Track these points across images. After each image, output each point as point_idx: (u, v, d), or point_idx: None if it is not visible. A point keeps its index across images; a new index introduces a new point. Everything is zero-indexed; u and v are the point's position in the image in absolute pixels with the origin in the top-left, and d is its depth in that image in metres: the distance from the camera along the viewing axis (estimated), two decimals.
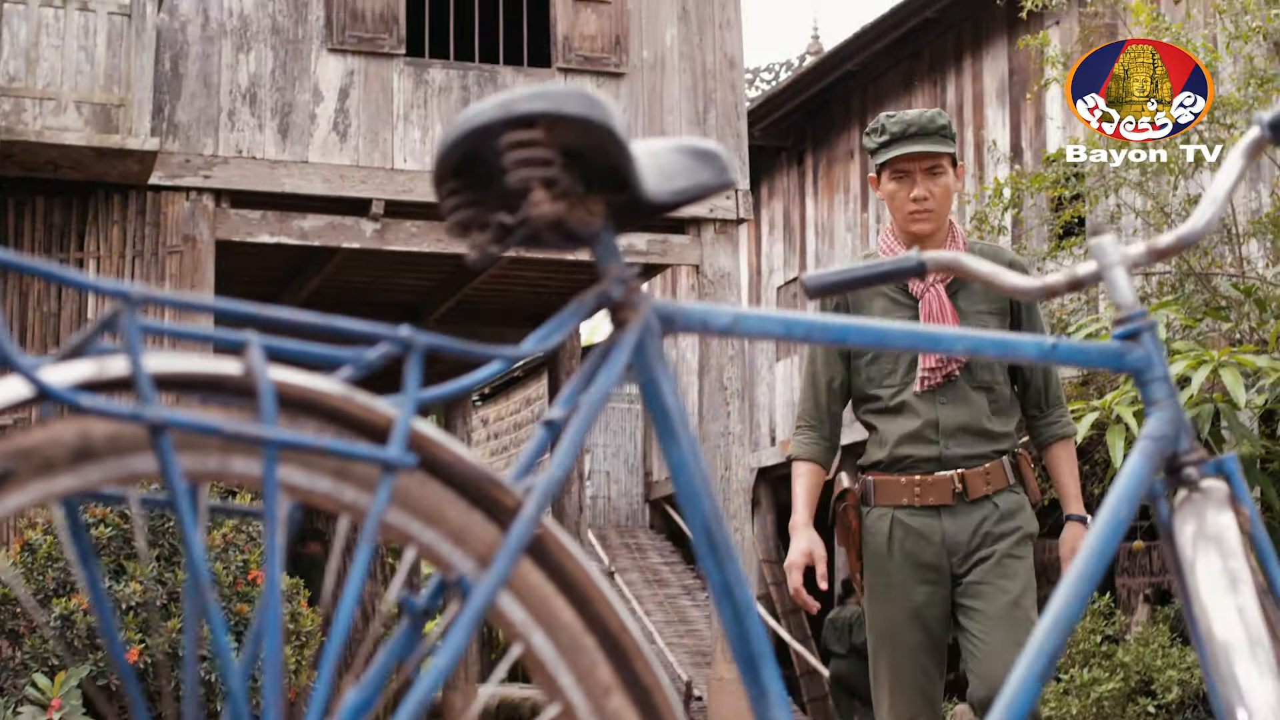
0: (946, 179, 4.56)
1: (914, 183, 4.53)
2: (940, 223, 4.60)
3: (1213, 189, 2.29)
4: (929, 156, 4.52)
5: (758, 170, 21.88)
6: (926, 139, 4.50)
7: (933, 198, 4.54)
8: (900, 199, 4.56)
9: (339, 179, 12.12)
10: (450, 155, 1.76)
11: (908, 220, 4.57)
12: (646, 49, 12.94)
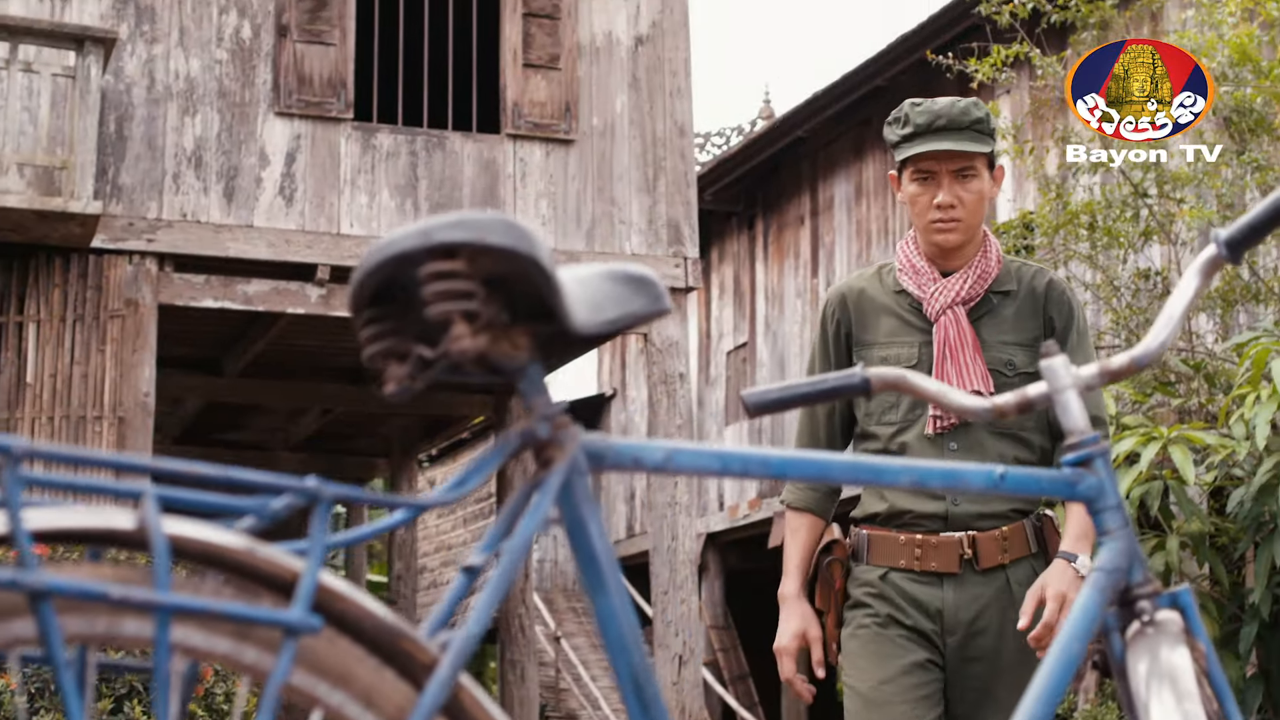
0: (980, 183, 3.91)
1: (940, 186, 3.88)
2: (970, 234, 3.94)
3: (1168, 308, 2.21)
4: (959, 156, 3.87)
5: (708, 234, 21.84)
6: (957, 135, 3.86)
7: (961, 205, 3.89)
8: (923, 204, 3.92)
9: (284, 243, 12.00)
10: (367, 283, 1.67)
11: (930, 229, 3.92)
12: (596, 116, 12.88)
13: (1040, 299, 3.95)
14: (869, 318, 4.01)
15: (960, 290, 3.92)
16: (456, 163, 12.54)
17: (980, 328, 3.92)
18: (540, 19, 12.81)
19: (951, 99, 3.91)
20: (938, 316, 3.92)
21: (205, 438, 18.57)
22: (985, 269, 3.95)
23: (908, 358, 3.92)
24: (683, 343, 12.81)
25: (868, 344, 4.00)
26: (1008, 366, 3.88)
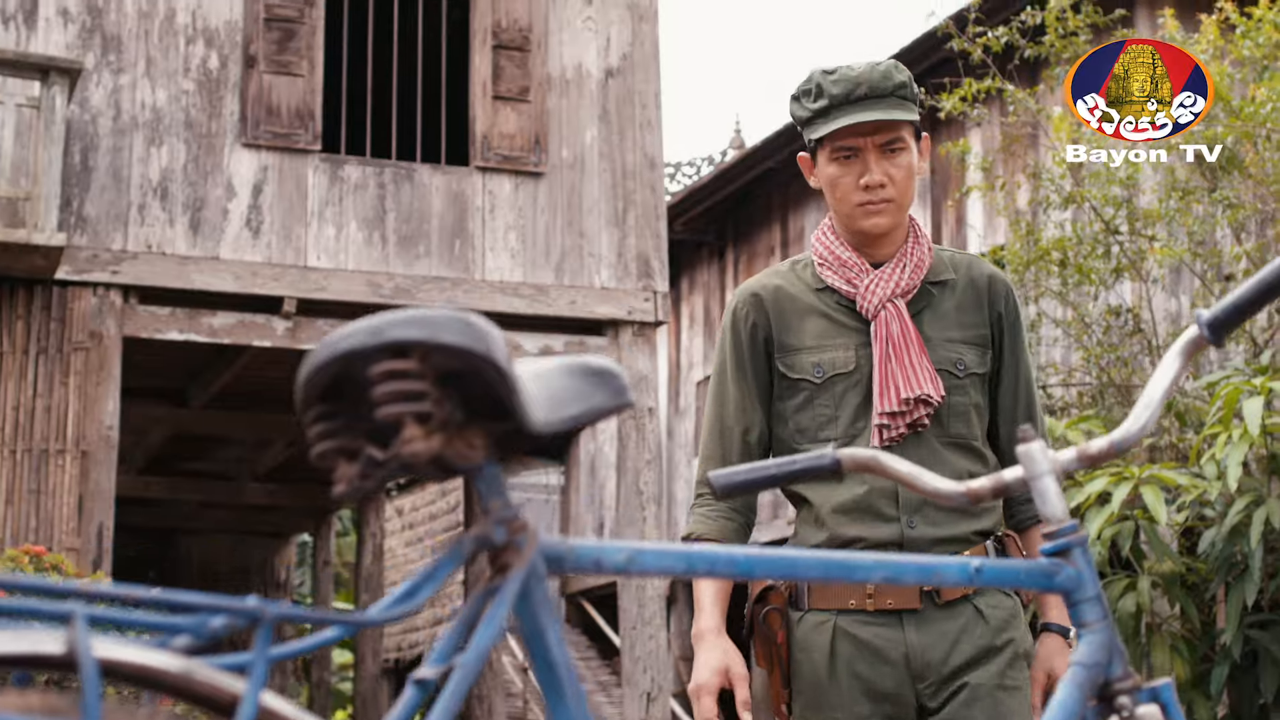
0: (908, 157, 3.39)
1: (865, 164, 3.35)
2: (900, 216, 3.43)
3: (1149, 392, 2.15)
4: (886, 127, 3.34)
5: (678, 264, 21.80)
6: (880, 103, 3.33)
7: (892, 183, 3.36)
8: (845, 186, 3.38)
9: (251, 276, 11.91)
10: (316, 379, 1.59)
11: (857, 214, 3.39)
12: (566, 148, 12.82)
13: (983, 291, 3.50)
14: (791, 318, 3.46)
15: (898, 281, 3.41)
16: (425, 195, 12.46)
17: (921, 323, 3.43)
18: (510, 51, 12.75)
19: (870, 62, 3.41)
20: (875, 313, 3.40)
21: (171, 468, 18.44)
22: (920, 257, 3.46)
23: (844, 362, 3.41)
24: (652, 377, 12.74)
25: (792, 349, 3.44)
26: (957, 366, 3.42)
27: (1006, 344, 3.51)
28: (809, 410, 3.43)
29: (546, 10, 12.91)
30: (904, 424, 3.35)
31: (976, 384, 3.45)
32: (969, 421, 3.42)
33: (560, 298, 12.53)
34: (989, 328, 3.49)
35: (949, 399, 3.40)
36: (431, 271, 12.32)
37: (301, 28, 12.26)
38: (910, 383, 3.35)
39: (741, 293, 3.54)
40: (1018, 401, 3.53)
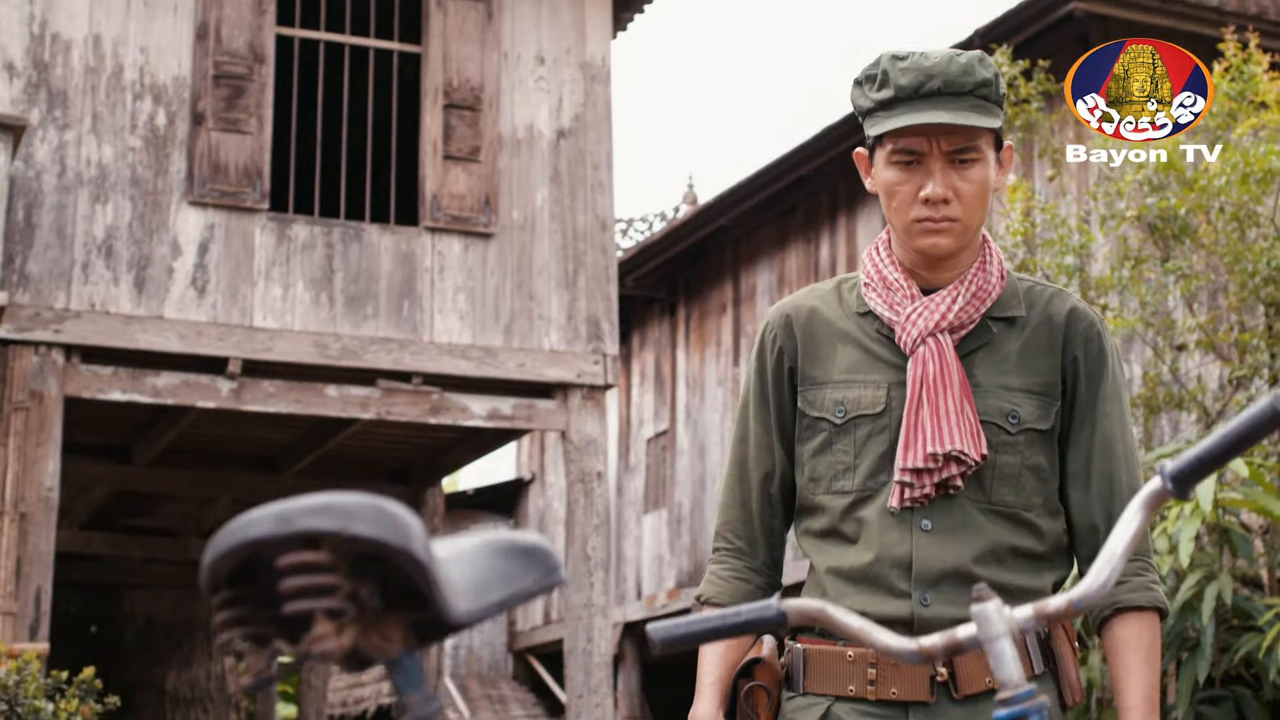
0: (984, 170, 2.87)
1: (929, 173, 2.86)
2: (967, 239, 2.93)
3: (1110, 546, 2.05)
4: (958, 133, 2.84)
5: (629, 320, 21.71)
6: (955, 102, 2.83)
7: (959, 199, 2.86)
8: (905, 196, 2.89)
9: (195, 336, 11.75)
10: (221, 566, 1.48)
11: (914, 231, 2.90)
12: (516, 209, 12.72)
13: (1059, 331, 2.96)
14: (821, 347, 3.01)
15: (947, 312, 2.91)
16: (374, 255, 12.33)
17: (973, 365, 2.93)
18: (461, 110, 12.66)
19: (949, 52, 2.89)
20: (914, 347, 2.91)
21: (114, 524, 18.22)
22: (984, 286, 2.95)
23: (871, 401, 2.94)
24: (601, 441, 12.62)
25: (818, 382, 3.00)
26: (1009, 419, 2.90)
27: (1082, 395, 2.93)
28: (826, 455, 2.97)
29: (499, 70, 12.83)
30: (930, 483, 2.86)
31: (1036, 442, 2.90)
32: (1019, 486, 2.89)
33: (509, 360, 12.42)
34: (1060, 375, 2.94)
35: (995, 458, 2.88)
36: (379, 332, 12.19)
37: (251, 85, 12.15)
38: (940, 435, 2.85)
39: (773, 312, 3.11)
40: (1091, 468, 2.93)
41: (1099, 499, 2.93)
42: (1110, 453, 2.94)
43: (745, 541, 3.09)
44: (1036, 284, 3.04)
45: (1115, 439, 2.94)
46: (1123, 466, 2.95)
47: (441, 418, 12.32)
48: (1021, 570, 2.89)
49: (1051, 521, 2.93)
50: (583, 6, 13.16)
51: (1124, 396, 2.99)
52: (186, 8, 12.14)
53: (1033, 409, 2.90)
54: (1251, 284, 10.13)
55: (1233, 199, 9.87)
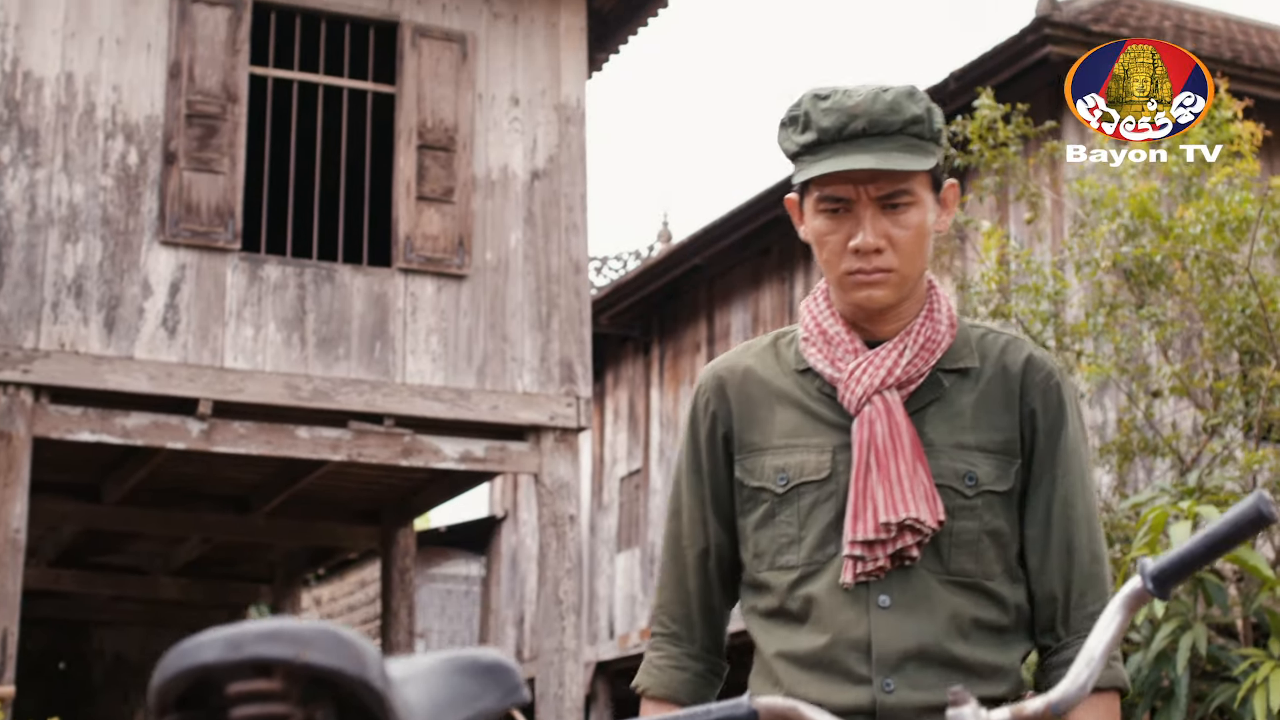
0: (919, 214, 2.64)
1: (859, 220, 2.63)
2: (906, 288, 2.68)
3: (1089, 648, 2.01)
4: (885, 177, 2.61)
5: (603, 359, 21.69)
6: (882, 144, 2.61)
7: (893, 248, 2.63)
8: (834, 246, 2.66)
9: (166, 376, 11.67)
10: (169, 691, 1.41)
11: (846, 283, 2.67)
12: (490, 251, 12.66)
13: (1016, 382, 2.73)
14: (759, 409, 2.76)
15: (894, 367, 2.68)
16: (346, 296, 12.27)
17: (924, 423, 2.68)
18: (435, 151, 12.61)
19: (875, 88, 2.65)
20: (859, 406, 2.66)
21: (83, 561, 18.10)
22: (932, 336, 2.70)
23: (815, 467, 2.69)
24: (574, 484, 12.55)
25: (756, 449, 2.75)
26: (966, 481, 2.66)
27: (1041, 451, 2.69)
28: (769, 528, 2.71)
29: (473, 111, 12.79)
30: (884, 555, 2.60)
31: (997, 505, 2.66)
32: (979, 554, 2.65)
33: (482, 402, 12.35)
34: (1018, 430, 2.70)
35: (952, 524, 2.64)
36: (351, 374, 12.12)
37: (224, 124, 12.09)
38: (893, 502, 2.61)
39: (705, 375, 2.87)
40: (1050, 533, 2.69)
41: (1059, 568, 2.69)
42: (1069, 515, 2.69)
43: (682, 625, 2.84)
44: (990, 331, 2.80)
45: (1076, 499, 2.71)
46: (1083, 531, 2.71)
47: (413, 460, 12.24)
48: (989, 645, 2.65)
49: (1014, 590, 2.69)
50: (558, 48, 13.13)
51: (1084, 451, 2.75)
52: (159, 46, 12.08)
53: (991, 469, 2.67)
54: (1226, 332, 10.12)
55: (1207, 247, 9.86)
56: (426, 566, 24.81)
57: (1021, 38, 14.20)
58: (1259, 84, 14.31)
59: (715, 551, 2.81)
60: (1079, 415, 2.77)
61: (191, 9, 12.15)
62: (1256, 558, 9.22)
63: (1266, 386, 9.94)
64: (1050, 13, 13.97)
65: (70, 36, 11.93)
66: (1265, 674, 8.41)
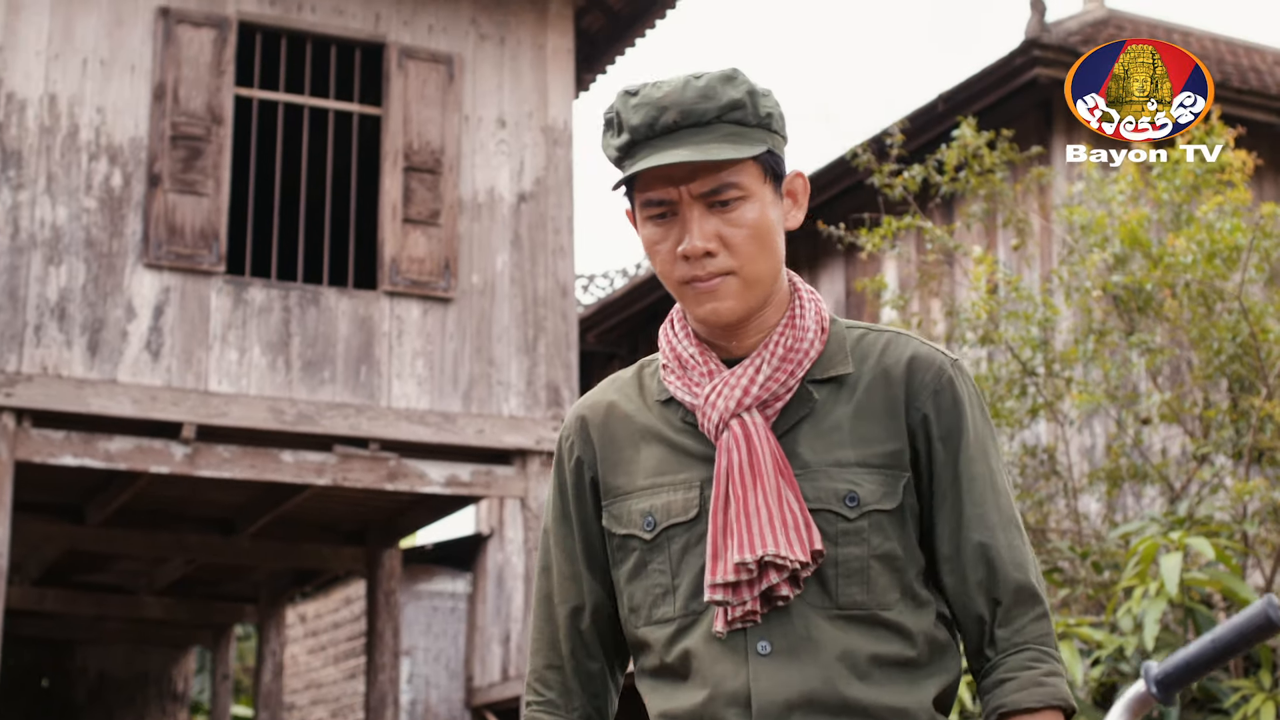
0: (754, 209, 2.37)
1: (685, 222, 2.37)
2: (756, 295, 2.40)
3: None
4: (706, 170, 2.35)
5: (589, 376, 21.60)
6: (697, 135, 2.35)
7: (727, 249, 2.36)
8: (664, 255, 2.40)
9: (149, 400, 11.58)
10: None
11: (687, 296, 2.40)
12: (476, 274, 12.59)
13: (899, 385, 2.44)
14: (623, 449, 2.50)
15: (749, 386, 2.39)
16: (331, 319, 12.19)
17: (796, 443, 2.40)
18: (421, 173, 12.54)
19: (685, 77, 2.39)
20: (718, 434, 2.39)
21: (66, 580, 18.02)
22: (795, 345, 2.43)
23: (683, 507, 2.42)
24: None
25: (622, 493, 2.48)
26: (847, 503, 2.38)
27: (940, 460, 2.42)
28: (641, 579, 2.45)
29: (459, 133, 12.72)
30: (750, 597, 2.33)
31: (886, 525, 2.39)
32: (869, 582, 2.36)
33: (468, 426, 12.27)
34: (906, 439, 2.42)
35: (835, 551, 2.35)
36: (336, 398, 12.04)
37: (208, 146, 12.01)
38: (749, 538, 2.33)
39: (569, 416, 2.62)
40: (963, 548, 2.41)
41: (979, 585, 2.39)
42: (984, 523, 2.40)
43: (557, 692, 2.56)
44: (869, 331, 2.50)
45: (987, 506, 2.41)
46: (1001, 539, 2.40)
47: (399, 484, 12.17)
48: (892, 684, 2.34)
49: (918, 618, 2.39)
50: (545, 70, 13.07)
51: (991, 450, 2.47)
52: (144, 68, 12.01)
53: (874, 486, 2.38)
54: (1217, 360, 10.07)
55: (1197, 276, 9.81)
56: (412, 583, 24.70)
57: (1010, 60, 14.15)
58: (1249, 106, 14.27)
59: (591, 609, 2.55)
60: (981, 410, 2.47)
61: (176, 30, 12.08)
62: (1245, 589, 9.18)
63: (1257, 416, 9.90)
64: (1039, 35, 13.92)
65: (54, 58, 11.86)
66: (1256, 706, 8.39)
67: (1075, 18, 15.75)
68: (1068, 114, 14.36)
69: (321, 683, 25.45)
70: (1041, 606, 2.38)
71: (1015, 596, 2.37)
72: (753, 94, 2.38)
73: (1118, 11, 16.37)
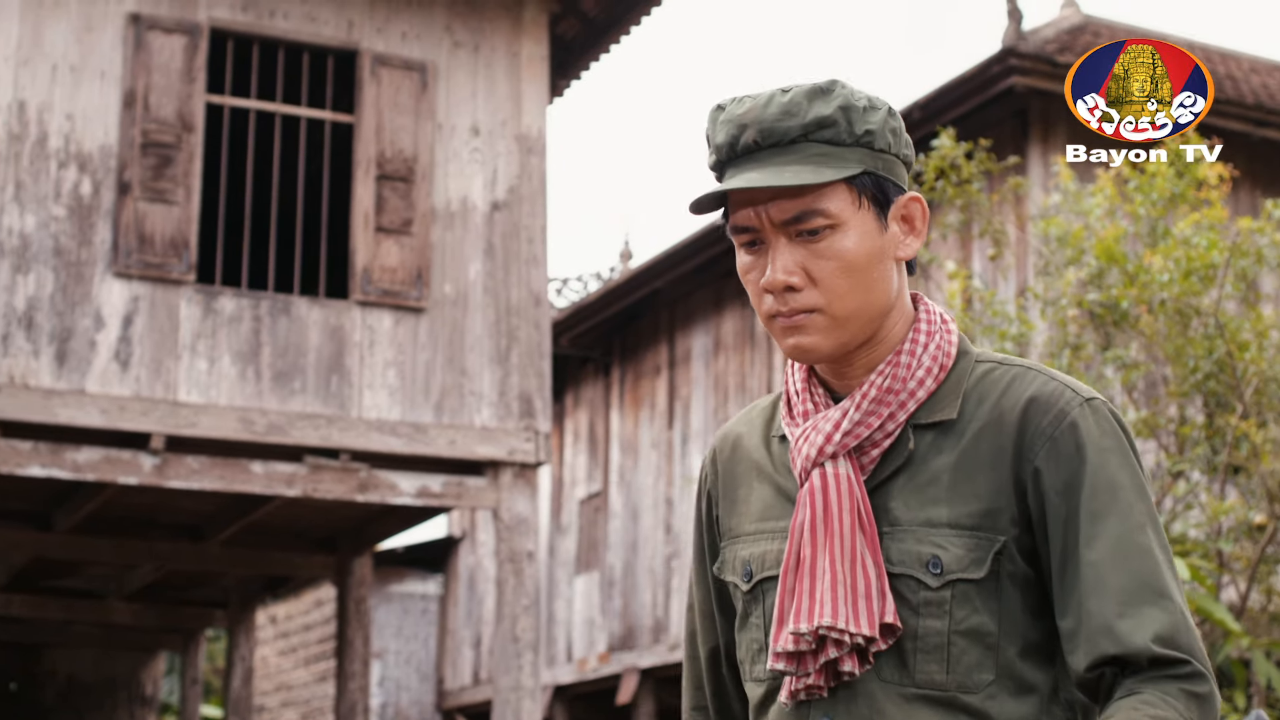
0: (847, 239, 2.09)
1: (768, 251, 2.11)
2: (849, 331, 2.12)
3: None
4: (786, 196, 2.09)
5: (563, 379, 21.54)
6: (781, 156, 2.09)
7: (814, 283, 2.09)
8: (752, 286, 2.16)
9: (118, 410, 11.47)
10: None
11: (775, 330, 2.14)
12: (449, 283, 12.49)
13: (1011, 431, 2.10)
14: (739, 487, 2.29)
15: (832, 433, 2.13)
16: (302, 329, 12.08)
17: (890, 496, 2.12)
18: (394, 182, 12.43)
19: (771, 90, 2.13)
20: (802, 481, 2.14)
21: (35, 585, 17.89)
22: (892, 387, 2.14)
23: (776, 560, 2.19)
24: (532, 519, 12.38)
25: (731, 536, 2.29)
26: (931, 569, 2.08)
27: (1055, 519, 2.06)
28: (744, 631, 2.25)
29: (433, 141, 12.61)
30: (813, 669, 2.09)
31: (976, 596, 2.07)
32: (951, 660, 2.06)
33: (439, 437, 12.18)
34: (1011, 497, 2.08)
35: (916, 623, 2.08)
36: (307, 408, 11.94)
37: (179, 154, 11.89)
38: (810, 606, 2.08)
39: (713, 444, 2.40)
40: (1081, 625, 2.01)
41: (1105, 661, 1.99)
42: (1101, 594, 2.00)
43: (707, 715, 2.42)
44: (999, 365, 2.16)
45: (1117, 569, 2.00)
46: (1132, 609, 1.99)
47: (369, 495, 12.07)
48: None
49: (1017, 704, 2.07)
50: (519, 78, 12.96)
51: (1132, 501, 2.03)
52: (114, 75, 11.88)
53: (961, 551, 2.06)
54: (1193, 378, 10.03)
55: (1173, 294, 9.76)
56: (383, 585, 24.62)
57: (986, 68, 14.10)
58: (1225, 115, 14.22)
59: (726, 651, 2.37)
60: (1120, 454, 2.08)
61: (147, 36, 11.96)
62: (1220, 609, 9.14)
63: (1233, 433, 9.85)
64: (1015, 43, 13.87)
65: (23, 64, 11.73)
66: None
67: (1051, 24, 15.68)
68: (1044, 122, 14.33)
69: (292, 685, 25.36)
70: (1193, 685, 1.97)
71: (1150, 670, 1.98)
72: (848, 109, 2.10)
73: (1094, 18, 16.31)
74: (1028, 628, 2.08)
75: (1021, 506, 2.06)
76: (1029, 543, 2.07)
